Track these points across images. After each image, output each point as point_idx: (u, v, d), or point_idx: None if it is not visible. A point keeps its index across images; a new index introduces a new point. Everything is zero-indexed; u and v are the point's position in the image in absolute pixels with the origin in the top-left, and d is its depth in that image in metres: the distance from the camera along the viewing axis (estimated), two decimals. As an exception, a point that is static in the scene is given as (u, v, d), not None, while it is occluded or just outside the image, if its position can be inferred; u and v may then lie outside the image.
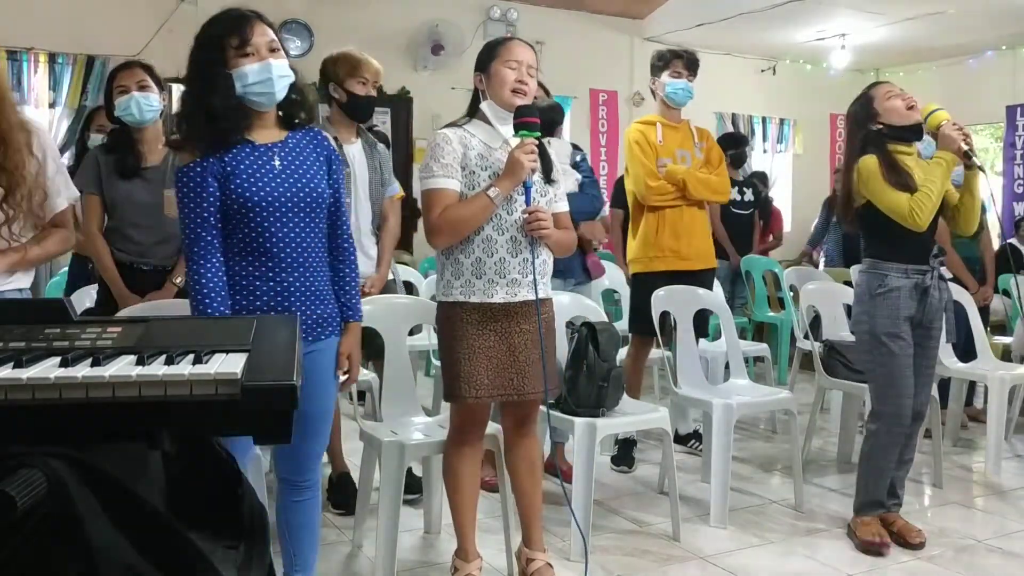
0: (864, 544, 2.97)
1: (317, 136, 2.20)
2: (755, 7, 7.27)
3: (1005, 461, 4.03)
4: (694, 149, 3.89)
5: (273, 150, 2.09)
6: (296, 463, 2.23)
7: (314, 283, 2.13)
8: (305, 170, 2.11)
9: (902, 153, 2.97)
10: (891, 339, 2.93)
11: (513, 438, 2.61)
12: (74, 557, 1.05)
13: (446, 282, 2.45)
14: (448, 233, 2.39)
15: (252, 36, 2.03)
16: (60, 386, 1.14)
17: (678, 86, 3.84)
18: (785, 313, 5.77)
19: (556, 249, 2.53)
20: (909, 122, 2.95)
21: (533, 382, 2.45)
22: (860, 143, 3.00)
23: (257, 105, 2.07)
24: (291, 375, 1.21)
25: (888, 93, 2.99)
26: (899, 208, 2.87)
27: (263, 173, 2.06)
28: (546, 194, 2.49)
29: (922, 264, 2.95)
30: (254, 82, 2.02)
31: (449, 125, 2.49)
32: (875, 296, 2.96)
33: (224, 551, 1.27)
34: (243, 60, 2.01)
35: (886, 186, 2.88)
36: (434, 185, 2.39)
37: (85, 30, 6.30)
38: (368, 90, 3.23)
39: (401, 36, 7.52)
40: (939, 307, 2.99)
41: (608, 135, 8.70)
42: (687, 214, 3.82)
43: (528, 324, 2.44)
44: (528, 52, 2.45)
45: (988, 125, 9.16)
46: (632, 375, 3.90)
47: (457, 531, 2.60)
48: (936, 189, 2.84)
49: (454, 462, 2.56)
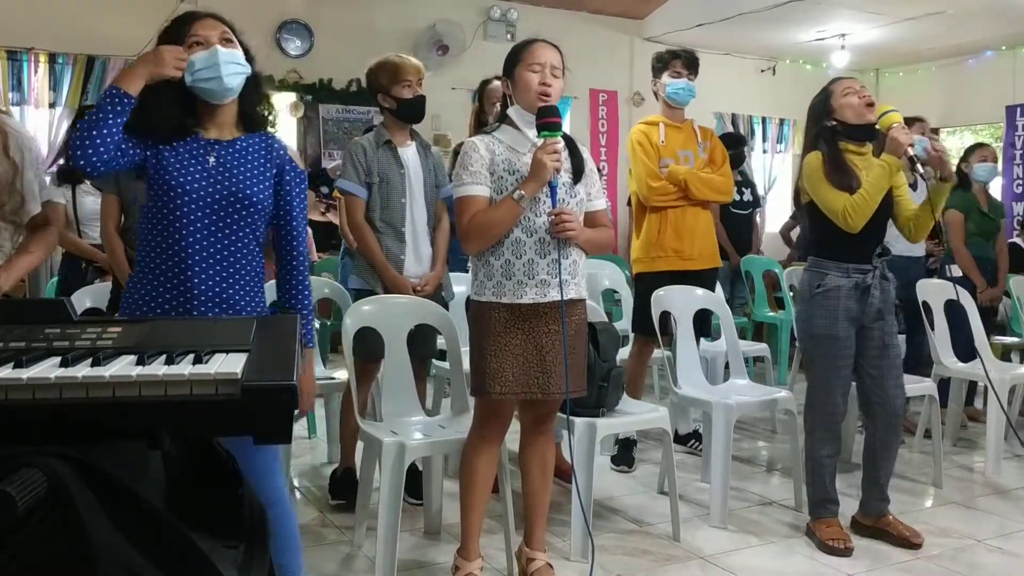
0: (826, 547, 2.96)
1: (273, 144, 2.13)
2: (755, 7, 7.28)
3: (1005, 461, 4.03)
4: (697, 149, 3.90)
5: (213, 147, 2.05)
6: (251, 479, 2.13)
7: (225, 290, 2.03)
8: (240, 172, 2.05)
9: (852, 152, 2.96)
10: (828, 339, 2.94)
11: (530, 435, 2.62)
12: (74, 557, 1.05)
13: (479, 282, 2.48)
14: (478, 238, 2.42)
15: (199, 28, 2.03)
16: (60, 386, 1.14)
17: (679, 86, 3.84)
18: (785, 313, 5.77)
19: (590, 248, 2.55)
20: (862, 121, 2.92)
21: (559, 381, 2.47)
22: (813, 138, 3.01)
23: (208, 95, 2.02)
24: (291, 375, 1.21)
25: (846, 89, 2.96)
26: (833, 208, 2.87)
27: (192, 166, 2.01)
28: (576, 194, 2.50)
29: (864, 263, 2.94)
30: (200, 68, 1.99)
31: (480, 132, 2.54)
32: (814, 295, 2.96)
33: (224, 551, 1.27)
34: (192, 51, 2.01)
35: (825, 185, 2.89)
36: (464, 192, 2.43)
37: (85, 30, 6.31)
38: (415, 90, 3.27)
39: (401, 36, 7.52)
40: (880, 306, 2.97)
41: (608, 135, 8.70)
42: (690, 214, 3.83)
43: (557, 324, 2.46)
44: (551, 52, 2.48)
45: (988, 125, 9.16)
46: (635, 375, 3.90)
47: (463, 529, 2.60)
48: (874, 192, 2.83)
49: (472, 460, 2.56)
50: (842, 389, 2.99)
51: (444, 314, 3.08)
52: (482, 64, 7.20)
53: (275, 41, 7.28)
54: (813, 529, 3.05)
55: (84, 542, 1.04)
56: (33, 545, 1.04)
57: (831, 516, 3.05)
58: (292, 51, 7.35)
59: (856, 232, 2.87)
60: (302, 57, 7.35)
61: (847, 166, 2.91)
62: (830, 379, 2.97)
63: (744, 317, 6.08)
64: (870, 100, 2.93)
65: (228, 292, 2.03)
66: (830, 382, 2.98)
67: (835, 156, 2.92)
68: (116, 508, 1.09)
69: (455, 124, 6.95)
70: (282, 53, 7.28)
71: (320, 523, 3.19)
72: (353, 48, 6.64)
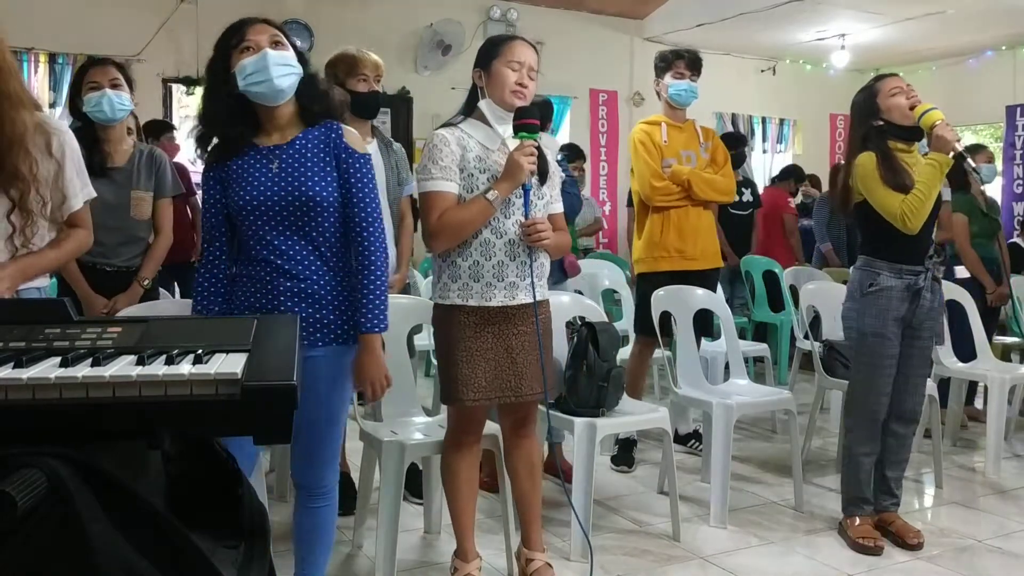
0: (856, 544, 2.97)
1: (332, 132, 2.13)
2: (755, 7, 7.28)
3: (1005, 461, 4.03)
4: (699, 149, 3.90)
5: (274, 153, 2.09)
6: (306, 467, 2.21)
7: (307, 287, 2.09)
8: (303, 172, 2.08)
9: (902, 151, 2.95)
10: (876, 338, 2.94)
11: (512, 440, 2.60)
12: (74, 557, 1.04)
13: (443, 284, 2.42)
14: (447, 237, 2.36)
15: (249, 33, 2.07)
16: (60, 386, 1.14)
17: (681, 87, 3.84)
18: (785, 313, 5.77)
19: (553, 251, 2.53)
20: (910, 122, 2.91)
21: (531, 383, 2.45)
22: (861, 138, 2.99)
23: (261, 98, 2.06)
24: (291, 375, 1.20)
25: (893, 90, 2.95)
26: (891, 209, 2.86)
27: (256, 178, 2.07)
28: (543, 196, 2.48)
29: (916, 265, 2.94)
30: (251, 73, 2.03)
31: (445, 125, 2.45)
32: (865, 294, 2.96)
33: (224, 551, 1.27)
34: (242, 56, 2.06)
35: (881, 185, 2.87)
36: (432, 188, 2.36)
37: (85, 30, 6.30)
38: (370, 85, 3.21)
39: (401, 36, 7.53)
40: (931, 309, 2.98)
41: (608, 135, 8.70)
42: (692, 214, 3.83)
43: (526, 326, 2.43)
44: (530, 53, 2.43)
45: (988, 125, 9.17)
46: (636, 375, 3.91)
47: (456, 532, 2.60)
48: (929, 192, 2.82)
49: (452, 464, 2.56)
50: (885, 388, 2.97)
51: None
52: (482, 64, 7.23)
53: (275, 41, 7.27)
54: (845, 527, 3.06)
55: (84, 542, 1.04)
56: (33, 545, 1.03)
57: (864, 514, 3.05)
58: (292, 51, 7.34)
59: (914, 233, 2.86)
60: (302, 57, 7.35)
61: (900, 165, 2.90)
62: (875, 378, 2.95)
63: (744, 317, 6.08)
64: (916, 101, 2.92)
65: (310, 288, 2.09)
66: (875, 381, 2.96)
67: (887, 156, 2.90)
68: (116, 508, 1.09)
69: (455, 124, 6.94)
70: (282, 53, 7.27)
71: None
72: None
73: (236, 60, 2.06)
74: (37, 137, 1.98)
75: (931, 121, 2.85)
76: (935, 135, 2.83)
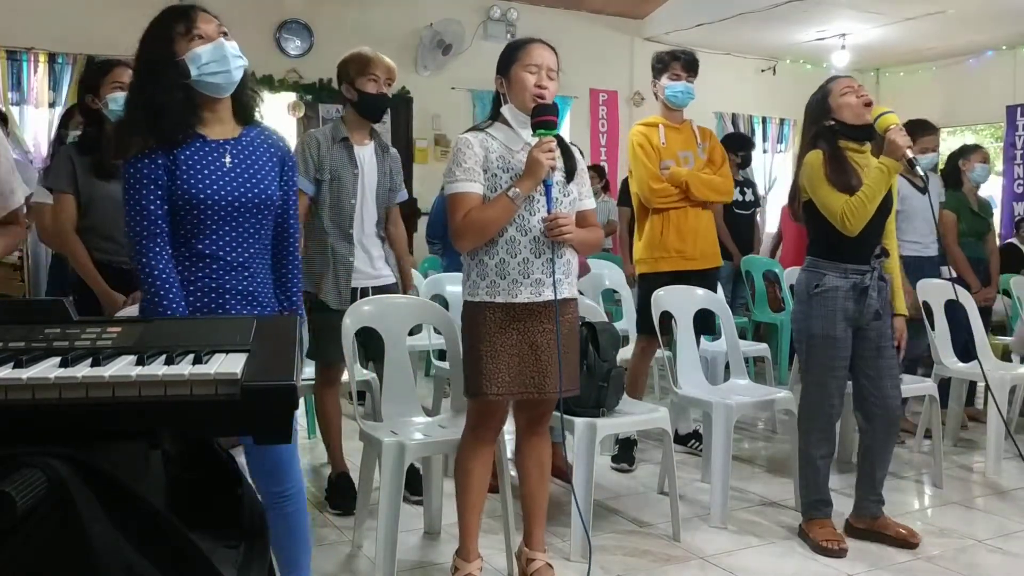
0: (820, 548, 2.95)
1: (272, 135, 2.15)
2: (755, 7, 7.28)
3: (1005, 461, 4.02)
4: (697, 150, 3.90)
5: (225, 147, 2.04)
6: (267, 472, 2.10)
7: (252, 286, 2.07)
8: (256, 170, 2.05)
9: (853, 151, 2.95)
10: (826, 340, 2.93)
11: (526, 436, 2.62)
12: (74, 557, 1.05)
13: (472, 282, 2.47)
14: (472, 236, 2.41)
15: (200, 21, 2.01)
16: (60, 386, 1.14)
17: (678, 88, 3.84)
18: (785, 313, 5.77)
19: (582, 248, 2.56)
20: (860, 121, 2.90)
21: (553, 381, 2.46)
22: (811, 137, 3.00)
23: (213, 89, 2.00)
24: (291, 375, 1.21)
25: (844, 89, 2.94)
26: (832, 211, 2.86)
27: (212, 171, 2.00)
28: (568, 193, 2.50)
29: (862, 264, 2.94)
30: (208, 61, 1.97)
31: (471, 129, 2.52)
32: (812, 296, 2.95)
33: (224, 551, 1.27)
34: (194, 44, 1.98)
35: (825, 184, 2.87)
36: (457, 189, 2.42)
37: (85, 30, 6.30)
38: (380, 87, 3.23)
39: (401, 36, 7.53)
40: (878, 307, 2.96)
41: (608, 135, 8.71)
42: (692, 215, 3.84)
43: (551, 324, 2.45)
44: (548, 54, 2.47)
45: (988, 125, 9.16)
46: (637, 375, 3.91)
47: (461, 530, 2.60)
48: (873, 195, 2.81)
49: (466, 462, 2.56)
50: (838, 390, 2.99)
51: (444, 314, 3.08)
52: (482, 64, 7.22)
53: (275, 41, 7.28)
54: (806, 530, 3.05)
55: (84, 542, 1.04)
56: (33, 545, 1.03)
57: (824, 517, 3.05)
58: (292, 51, 7.35)
59: (854, 235, 2.86)
60: (302, 57, 7.35)
61: (848, 165, 2.90)
62: (826, 379, 2.97)
63: (744, 317, 6.08)
64: (868, 99, 2.92)
65: (254, 287, 2.08)
66: (826, 382, 2.97)
67: (836, 155, 2.90)
68: (116, 508, 1.09)
69: (455, 124, 6.95)
70: (282, 53, 7.28)
71: (320, 523, 3.19)
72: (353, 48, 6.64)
73: (186, 47, 1.98)
74: None
75: (886, 124, 2.84)
76: (888, 139, 2.81)
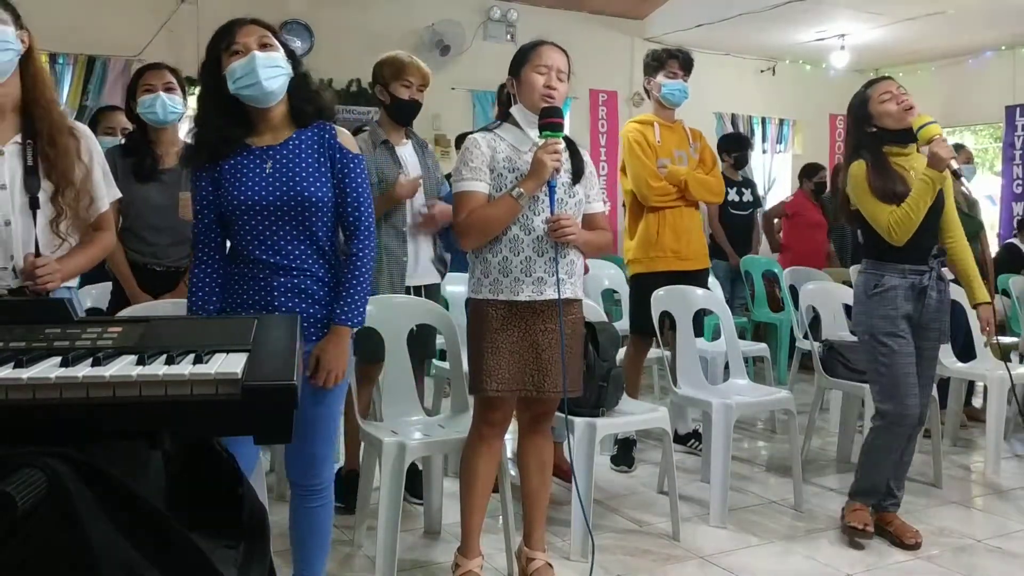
0: (848, 528, 3.00)
1: (325, 133, 2.16)
2: (755, 7, 7.27)
3: (1004, 461, 4.03)
4: (689, 149, 3.91)
5: (267, 153, 2.11)
6: (301, 466, 2.22)
7: (302, 283, 2.12)
8: (296, 172, 2.09)
9: (897, 155, 2.95)
10: (890, 337, 2.92)
11: (528, 435, 2.63)
12: (74, 557, 1.05)
13: (476, 280, 2.50)
14: (476, 234, 2.43)
15: (239, 35, 2.07)
16: (60, 386, 1.14)
17: (675, 87, 3.84)
18: (785, 313, 5.77)
19: (588, 250, 2.58)
20: (902, 126, 2.90)
21: (554, 380, 2.47)
22: (854, 146, 3.00)
23: (252, 100, 2.08)
24: (291, 375, 1.21)
25: (883, 95, 2.94)
26: (879, 222, 2.87)
27: (251, 177, 2.08)
28: (574, 195, 2.51)
29: (920, 264, 2.94)
30: (239, 76, 2.05)
31: (481, 129, 2.55)
32: (871, 296, 2.95)
33: (224, 551, 1.27)
34: (232, 59, 2.07)
35: (870, 197, 2.88)
36: (463, 188, 2.44)
37: (85, 30, 6.30)
38: (412, 93, 3.25)
39: (401, 36, 7.52)
40: (937, 308, 2.97)
41: (608, 135, 8.69)
42: (685, 214, 3.85)
43: (553, 323, 2.47)
44: (558, 56, 2.49)
45: (988, 125, 9.16)
46: (631, 375, 3.90)
47: (464, 528, 2.60)
48: (918, 207, 2.81)
49: (472, 460, 2.57)
50: (912, 388, 2.92)
51: (444, 314, 3.08)
52: (482, 64, 7.22)
53: (275, 41, 7.28)
54: (845, 511, 3.09)
55: (84, 542, 1.04)
56: (33, 545, 1.04)
57: (865, 503, 3.07)
58: (292, 51, 7.35)
59: (901, 245, 2.87)
60: (302, 57, 7.33)
61: (892, 172, 2.90)
62: (899, 378, 2.92)
63: (744, 317, 6.08)
64: (909, 104, 2.90)
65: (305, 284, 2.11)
66: (899, 380, 2.92)
67: (879, 164, 2.90)
68: (116, 508, 1.09)
69: (455, 124, 6.94)
70: (282, 53, 7.27)
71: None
72: (353, 48, 6.63)
73: (226, 63, 2.07)
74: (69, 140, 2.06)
75: (928, 136, 2.84)
76: (931, 151, 2.81)
